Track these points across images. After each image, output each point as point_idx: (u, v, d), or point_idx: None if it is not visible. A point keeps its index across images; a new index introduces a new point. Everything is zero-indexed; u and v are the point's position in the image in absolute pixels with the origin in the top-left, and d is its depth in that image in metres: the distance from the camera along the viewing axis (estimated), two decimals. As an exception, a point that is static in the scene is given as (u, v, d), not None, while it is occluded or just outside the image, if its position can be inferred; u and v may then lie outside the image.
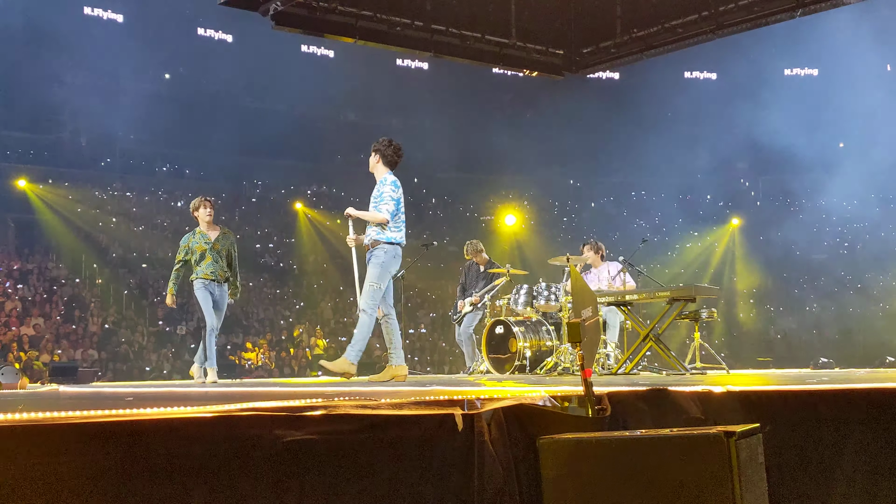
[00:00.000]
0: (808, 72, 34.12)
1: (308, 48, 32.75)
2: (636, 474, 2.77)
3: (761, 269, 27.86)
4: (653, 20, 12.99)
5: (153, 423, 2.55)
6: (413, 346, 24.08)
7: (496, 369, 10.84)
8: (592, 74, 15.42)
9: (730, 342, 24.50)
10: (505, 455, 3.19)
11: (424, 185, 34.60)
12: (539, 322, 10.95)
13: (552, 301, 10.73)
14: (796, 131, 28.08)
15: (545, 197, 33.13)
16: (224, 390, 5.87)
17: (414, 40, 12.97)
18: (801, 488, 3.48)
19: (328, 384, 7.31)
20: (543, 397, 3.48)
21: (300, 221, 28.79)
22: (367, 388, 4.96)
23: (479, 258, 12.22)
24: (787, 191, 30.39)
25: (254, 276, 26.35)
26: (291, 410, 2.83)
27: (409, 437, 3.00)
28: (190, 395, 4.63)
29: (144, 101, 29.07)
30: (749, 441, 2.89)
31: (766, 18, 11.97)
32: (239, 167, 30.60)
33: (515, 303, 11.10)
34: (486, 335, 11.03)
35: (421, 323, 25.64)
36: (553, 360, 10.32)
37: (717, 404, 3.66)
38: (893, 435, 3.33)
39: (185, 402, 3.02)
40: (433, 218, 32.44)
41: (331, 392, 4.02)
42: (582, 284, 3.77)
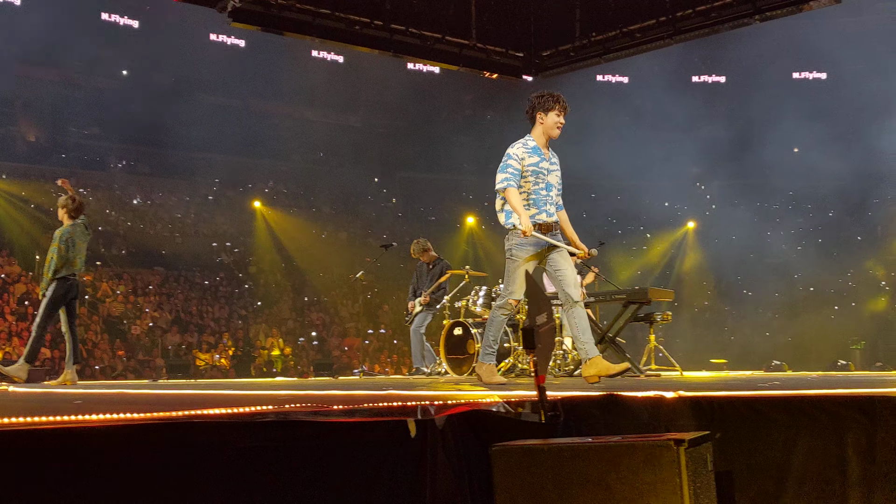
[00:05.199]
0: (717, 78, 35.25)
1: (217, 37, 32.40)
2: (586, 481, 2.78)
3: (716, 271, 28.16)
4: (611, 24, 13.06)
5: (95, 429, 2.51)
6: (373, 347, 24.03)
7: (454, 370, 10.84)
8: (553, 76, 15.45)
9: (685, 344, 24.72)
10: (458, 462, 3.18)
11: (385, 185, 34.57)
12: (496, 324, 10.94)
13: (510, 303, 10.74)
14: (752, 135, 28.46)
15: (505, 198, 33.13)
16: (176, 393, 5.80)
17: (373, 40, 12.93)
18: (750, 495, 3.50)
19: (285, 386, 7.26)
20: (497, 403, 3.48)
21: (258, 220, 28.60)
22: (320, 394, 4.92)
23: (425, 256, 12.23)
24: (741, 195, 30.74)
25: (210, 275, 26.13)
26: (241, 417, 2.80)
27: (362, 445, 2.98)
28: (139, 399, 4.57)
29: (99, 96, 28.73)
30: (699, 448, 2.91)
31: (723, 24, 12.08)
32: (195, 164, 30.31)
33: (474, 304, 11.10)
34: (445, 336, 11.02)
35: (381, 323, 25.58)
36: (511, 361, 10.34)
37: (668, 410, 3.68)
38: (841, 441, 3.37)
39: (132, 408, 2.98)
40: (394, 218, 32.39)
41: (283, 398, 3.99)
42: (536, 289, 3.78)
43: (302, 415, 2.87)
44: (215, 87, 31.80)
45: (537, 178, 6.43)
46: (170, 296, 24.38)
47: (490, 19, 13.58)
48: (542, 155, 6.48)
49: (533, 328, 3.39)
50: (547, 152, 6.54)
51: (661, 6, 12.43)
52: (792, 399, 3.53)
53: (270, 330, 23.61)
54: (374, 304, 25.85)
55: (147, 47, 30.88)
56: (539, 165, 6.43)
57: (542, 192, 6.45)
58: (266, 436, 2.80)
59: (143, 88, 30.03)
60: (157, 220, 28.39)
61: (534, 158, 6.43)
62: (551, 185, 6.52)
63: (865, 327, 24.01)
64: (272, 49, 29.69)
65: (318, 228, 29.67)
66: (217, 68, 31.07)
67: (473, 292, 11.24)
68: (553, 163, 6.57)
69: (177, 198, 30.03)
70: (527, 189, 6.43)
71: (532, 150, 6.47)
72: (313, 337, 24.17)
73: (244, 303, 25.37)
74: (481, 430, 3.34)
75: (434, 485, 3.05)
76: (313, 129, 33.89)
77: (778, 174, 30.22)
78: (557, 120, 6.46)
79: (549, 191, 6.50)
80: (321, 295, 26.62)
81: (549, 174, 6.49)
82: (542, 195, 6.45)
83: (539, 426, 3.48)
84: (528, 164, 6.42)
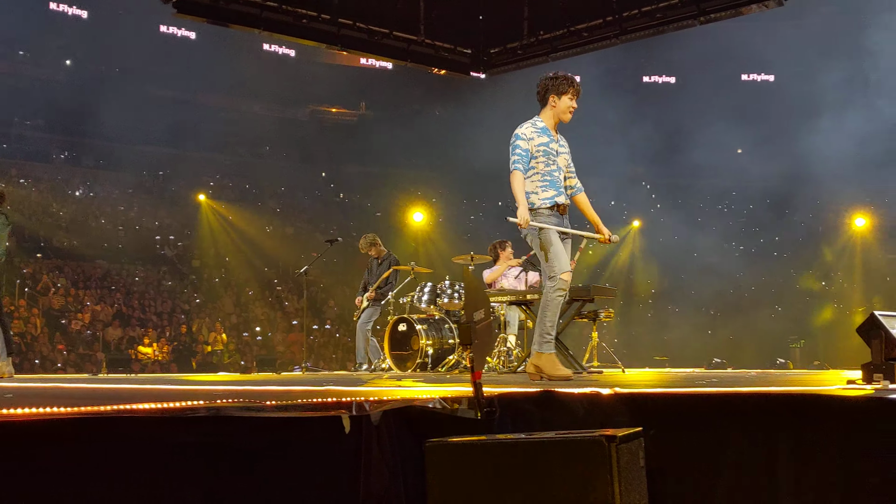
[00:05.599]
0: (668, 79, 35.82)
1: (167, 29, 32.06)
2: (519, 478, 2.79)
3: (660, 270, 28.46)
4: (559, 23, 13.13)
5: (19, 424, 2.45)
6: (317, 343, 23.91)
7: (398, 366, 10.84)
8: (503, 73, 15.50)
9: (628, 341, 24.96)
10: (392, 458, 3.18)
11: (332, 180, 34.38)
12: (442, 320, 10.98)
13: (456, 299, 10.77)
14: (696, 136, 28.81)
15: (453, 194, 33.23)
16: (109, 388, 5.71)
17: (320, 34, 12.85)
18: (683, 491, 3.54)
19: (225, 382, 7.18)
20: (434, 399, 3.48)
21: (202, 213, 28.27)
22: (254, 389, 4.87)
23: (374, 251, 12.20)
24: (685, 194, 31.12)
25: (153, 268, 25.79)
26: (171, 412, 2.76)
27: (295, 440, 2.96)
28: (73, 394, 4.49)
29: (42, 86, 28.19)
30: (630, 445, 2.94)
31: (668, 25, 12.22)
32: (139, 157, 29.88)
33: (419, 300, 11.10)
34: (389, 332, 11.02)
35: (327, 319, 25.45)
36: (455, 358, 10.36)
37: (604, 407, 3.71)
38: (771, 439, 3.42)
39: (62, 402, 2.93)
40: (340, 213, 32.23)
41: (216, 393, 3.95)
42: (475, 285, 3.78)
43: (233, 410, 2.84)
44: (162, 79, 31.37)
45: (549, 159, 6.25)
46: (111, 289, 24.02)
47: (438, 15, 13.56)
48: (550, 136, 6.30)
49: (470, 324, 3.40)
50: (556, 135, 6.38)
51: (608, 6, 12.53)
52: (724, 397, 3.58)
53: (213, 324, 23.37)
54: (319, 299, 25.71)
55: (95, 38, 30.38)
56: (549, 146, 6.27)
57: (555, 173, 6.27)
58: (196, 431, 2.77)
59: (89, 80, 29.56)
60: (101, 213, 27.95)
61: (543, 138, 6.26)
62: (560, 167, 6.34)
63: (805, 326, 24.46)
64: (223, 42, 29.37)
65: (263, 223, 29.42)
66: (165, 60, 30.66)
67: (419, 288, 11.24)
68: (562, 145, 6.41)
69: (120, 191, 29.57)
70: (539, 170, 6.25)
71: (541, 130, 6.30)
72: (257, 332, 23.98)
73: (187, 297, 25.08)
74: (417, 426, 3.33)
75: (368, 480, 3.04)
76: (259, 122, 33.60)
77: (718, 174, 30.68)
78: (570, 104, 6.31)
79: (560, 173, 6.34)
80: (266, 290, 26.42)
81: (557, 156, 6.31)
82: (555, 176, 6.27)
83: (475, 422, 3.48)
84: (538, 144, 6.23)
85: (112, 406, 2.73)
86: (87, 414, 2.67)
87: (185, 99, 31.82)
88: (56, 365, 19.81)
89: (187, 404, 2.86)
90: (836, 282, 27.63)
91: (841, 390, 3.66)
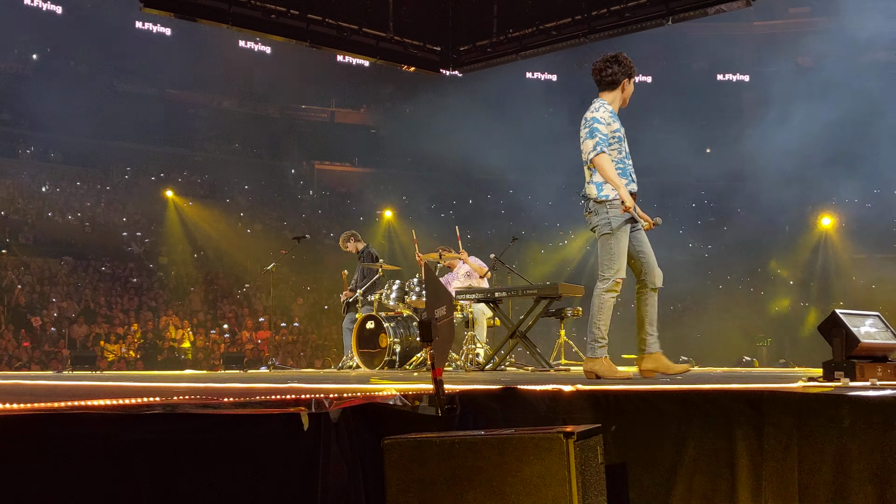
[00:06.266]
0: (644, 78, 36.14)
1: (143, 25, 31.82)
2: (477, 474, 2.79)
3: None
4: (528, 22, 13.14)
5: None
6: (285, 340, 23.80)
7: (366, 364, 10.82)
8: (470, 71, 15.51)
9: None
10: (351, 455, 3.16)
11: (302, 177, 34.26)
12: (410, 318, 10.97)
13: (424, 297, 10.76)
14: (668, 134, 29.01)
15: (423, 192, 33.22)
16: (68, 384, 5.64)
17: (289, 29, 12.76)
18: (643, 486, 3.56)
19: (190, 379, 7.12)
20: (394, 396, 3.47)
21: (170, 210, 28.05)
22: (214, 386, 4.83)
23: (351, 247, 12.19)
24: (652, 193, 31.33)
25: (119, 265, 25.57)
26: (127, 409, 2.73)
27: (252, 438, 2.94)
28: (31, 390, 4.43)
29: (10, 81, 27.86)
30: (588, 441, 2.94)
31: (637, 25, 12.25)
32: (107, 152, 29.61)
33: (387, 298, 11.08)
34: (357, 330, 10.99)
35: (295, 317, 25.34)
36: (422, 356, 10.34)
37: (566, 403, 3.72)
38: (731, 435, 3.44)
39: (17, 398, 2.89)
40: (310, 210, 32.13)
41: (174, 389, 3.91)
42: (434, 281, 3.77)
43: (190, 407, 2.81)
44: (131, 75, 31.14)
45: (621, 146, 5.84)
46: (78, 286, 23.77)
47: (408, 13, 13.54)
48: (619, 122, 5.92)
49: (430, 321, 3.38)
50: None
51: (577, 5, 12.55)
52: (684, 393, 3.60)
53: (181, 322, 23.19)
54: (287, 297, 25.60)
55: (67, 33, 30.10)
56: (622, 132, 5.89)
57: (626, 160, 5.87)
58: (152, 428, 2.73)
59: (57, 75, 29.25)
60: (67, 209, 27.67)
61: (616, 124, 5.84)
62: (629, 154, 5.95)
63: (772, 325, 24.68)
64: (198, 39, 29.19)
65: (232, 219, 29.26)
66: (136, 56, 30.43)
67: (387, 286, 11.21)
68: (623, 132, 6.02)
69: (87, 186, 29.29)
70: (614, 157, 5.80)
71: (612, 115, 5.87)
72: (224, 330, 23.83)
73: (154, 294, 24.87)
74: (377, 424, 3.32)
75: (326, 478, 3.03)
76: (230, 118, 33.41)
77: (686, 173, 30.89)
78: (633, 88, 6.05)
79: (629, 160, 5.94)
80: (234, 287, 26.27)
81: (625, 142, 5.93)
82: (627, 164, 5.86)
83: (436, 419, 3.47)
84: (614, 130, 5.82)
85: (67, 402, 2.69)
86: (40, 410, 2.64)
87: (154, 95, 31.58)
88: (20, 362, 19.58)
89: (143, 401, 2.82)
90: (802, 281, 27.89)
91: (801, 387, 3.69)
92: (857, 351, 4.68)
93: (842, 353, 4.71)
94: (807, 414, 3.35)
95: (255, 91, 33.82)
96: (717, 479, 3.46)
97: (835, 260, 27.70)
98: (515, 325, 9.52)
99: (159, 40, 31.79)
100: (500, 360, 9.73)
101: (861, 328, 4.82)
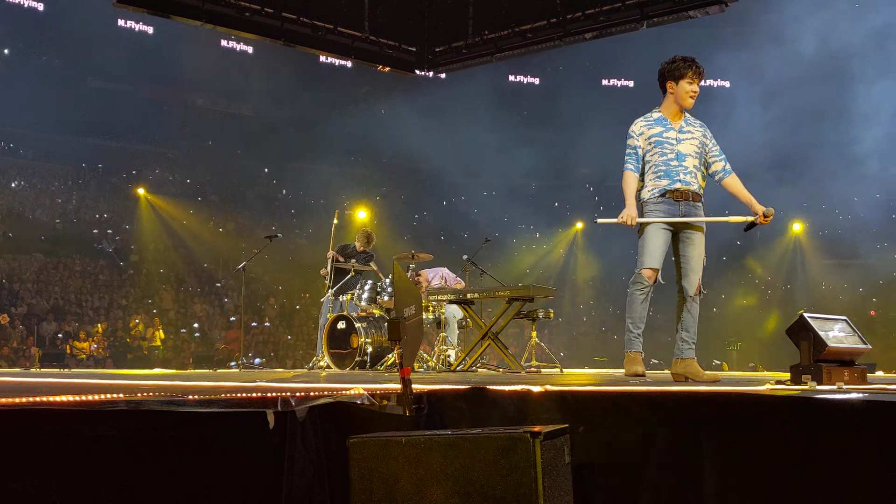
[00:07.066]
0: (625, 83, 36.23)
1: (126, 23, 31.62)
2: (442, 474, 2.77)
3: (601, 271, 28.73)
4: (504, 23, 13.16)
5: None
6: (256, 340, 23.68)
7: (336, 365, 10.76)
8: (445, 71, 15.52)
9: (569, 342, 25.17)
10: (317, 454, 3.14)
11: (275, 176, 34.11)
12: (382, 318, 10.93)
13: (395, 297, 10.72)
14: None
15: (397, 193, 33.19)
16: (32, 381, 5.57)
17: (264, 27, 12.70)
18: (611, 487, 3.56)
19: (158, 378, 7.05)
20: (362, 395, 3.44)
21: (142, 207, 27.83)
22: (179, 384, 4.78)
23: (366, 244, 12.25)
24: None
25: (90, 262, 25.35)
26: (89, 405, 2.69)
27: (217, 435, 2.91)
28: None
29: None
30: (555, 441, 2.94)
31: (612, 28, 12.30)
32: (79, 149, 29.35)
33: (359, 298, 11.03)
34: (328, 330, 10.93)
35: (266, 316, 25.22)
36: (393, 356, 10.31)
37: (534, 404, 3.71)
38: (697, 437, 3.45)
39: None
40: (283, 209, 32.00)
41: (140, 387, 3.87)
42: (405, 281, 3.76)
43: (154, 404, 2.78)
44: (105, 71, 30.87)
45: (663, 149, 5.98)
46: (48, 283, 23.55)
47: (383, 13, 13.52)
48: (666, 125, 6.04)
49: (399, 320, 3.37)
50: (677, 122, 6.07)
51: (552, 8, 12.58)
52: (652, 395, 3.60)
53: (151, 320, 23.02)
54: (259, 296, 25.47)
55: (44, 30, 29.83)
56: (663, 136, 6.01)
57: (671, 161, 5.97)
58: (115, 425, 2.70)
59: (29, 70, 28.98)
60: (38, 206, 27.39)
61: (656, 129, 6.02)
62: (684, 154, 6.00)
63: (742, 329, 24.85)
64: (180, 37, 28.98)
65: (204, 217, 29.08)
66: (113, 53, 30.16)
67: (359, 286, 11.18)
68: (685, 131, 6.06)
69: (59, 183, 29.03)
70: (654, 161, 6.02)
71: (655, 121, 6.06)
72: (195, 328, 23.68)
73: (125, 292, 24.68)
74: (344, 423, 3.30)
75: (292, 477, 3.00)
76: (203, 116, 33.22)
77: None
78: (690, 88, 6.01)
79: (682, 160, 5.99)
80: (205, 286, 26.11)
81: (679, 143, 6.00)
82: (672, 165, 5.97)
83: (405, 419, 3.46)
84: (650, 136, 6.02)
85: (26, 399, 2.65)
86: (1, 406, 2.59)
87: (127, 91, 31.34)
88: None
89: (106, 397, 2.79)
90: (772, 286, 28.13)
91: (768, 391, 3.70)
92: (825, 355, 4.71)
93: (809, 356, 4.74)
94: (773, 417, 3.36)
95: (230, 89, 33.62)
96: (684, 479, 3.47)
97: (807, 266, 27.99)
98: (487, 326, 9.53)
99: (140, 38, 31.59)
100: (472, 361, 9.73)
101: (829, 332, 4.86)
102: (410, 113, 30.76)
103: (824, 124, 27.99)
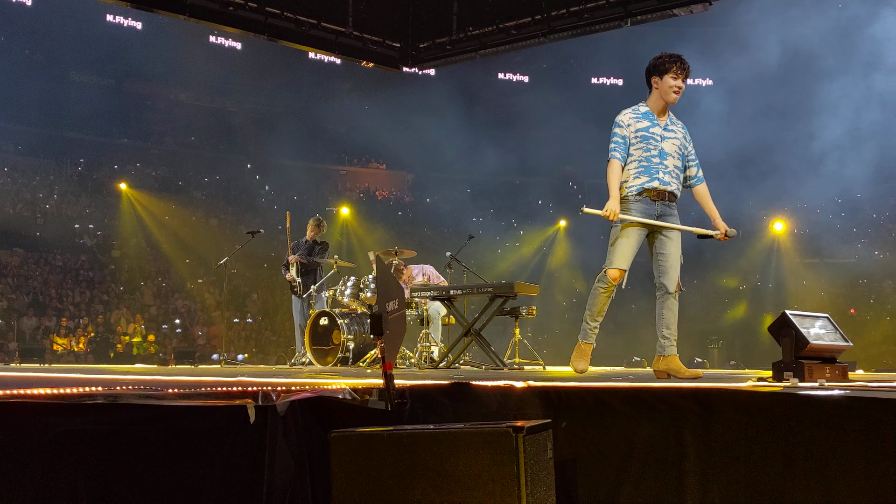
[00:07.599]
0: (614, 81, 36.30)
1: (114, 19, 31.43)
2: (424, 468, 2.76)
3: (585, 268, 28.75)
4: (488, 20, 13.11)
5: None
6: (239, 336, 23.60)
7: (318, 361, 10.72)
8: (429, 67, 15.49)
9: (552, 339, 25.17)
10: (298, 448, 3.12)
11: (258, 172, 33.99)
12: (364, 314, 10.90)
13: (378, 293, 10.69)
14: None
15: (381, 189, 33.12)
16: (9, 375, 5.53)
17: (247, 22, 12.60)
18: (593, 481, 3.56)
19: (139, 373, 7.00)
20: (344, 390, 3.43)
21: (123, 202, 27.66)
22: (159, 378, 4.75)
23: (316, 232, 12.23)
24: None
25: (71, 257, 25.18)
26: (67, 398, 2.66)
27: (197, 429, 2.88)
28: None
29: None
30: (537, 436, 2.93)
31: (596, 26, 12.28)
32: (61, 143, 29.14)
33: (342, 294, 11.01)
34: (310, 326, 10.90)
35: (248, 312, 25.12)
36: (376, 352, 10.28)
37: (517, 399, 3.71)
38: (680, 432, 3.45)
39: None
40: (266, 206, 31.88)
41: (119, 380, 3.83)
42: (387, 275, 3.74)
43: (132, 397, 2.75)
44: (88, 66, 30.66)
45: (648, 144, 5.90)
46: (28, 278, 23.38)
47: (368, 8, 13.45)
48: (653, 120, 5.96)
49: (381, 314, 3.35)
50: (663, 119, 6.00)
51: (537, 5, 12.55)
52: (635, 391, 3.60)
53: (133, 316, 22.89)
54: (241, 292, 25.37)
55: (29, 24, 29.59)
56: (649, 131, 5.92)
57: (654, 158, 5.91)
58: (93, 418, 2.67)
59: (10, 63, 28.75)
60: (19, 200, 27.18)
61: (643, 123, 5.93)
62: (666, 152, 5.94)
63: (723, 327, 24.95)
64: (169, 33, 28.81)
65: (187, 213, 28.92)
66: (98, 48, 29.95)
67: (341, 283, 11.15)
68: (670, 130, 6.00)
69: (40, 177, 28.81)
70: (637, 156, 5.93)
71: (643, 115, 5.97)
72: (177, 324, 23.56)
73: (106, 287, 24.52)
74: (326, 417, 3.28)
75: (272, 471, 2.98)
76: (186, 111, 33.05)
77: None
78: (674, 84, 5.91)
79: (664, 159, 5.93)
80: (186, 282, 25.98)
81: (662, 141, 5.94)
82: (654, 162, 5.90)
83: (387, 414, 3.44)
84: (637, 130, 5.92)
85: (2, 391, 2.62)
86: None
87: (110, 86, 31.14)
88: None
89: (84, 391, 2.76)
90: (754, 284, 28.24)
91: (749, 387, 3.70)
92: (807, 352, 4.71)
93: (791, 353, 4.75)
94: (755, 413, 3.37)
95: (213, 85, 33.45)
96: (666, 475, 3.47)
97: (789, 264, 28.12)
98: (470, 323, 9.52)
99: (129, 34, 31.41)
100: (455, 357, 9.71)
101: (811, 329, 4.86)
102: (396, 110, 30.71)
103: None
